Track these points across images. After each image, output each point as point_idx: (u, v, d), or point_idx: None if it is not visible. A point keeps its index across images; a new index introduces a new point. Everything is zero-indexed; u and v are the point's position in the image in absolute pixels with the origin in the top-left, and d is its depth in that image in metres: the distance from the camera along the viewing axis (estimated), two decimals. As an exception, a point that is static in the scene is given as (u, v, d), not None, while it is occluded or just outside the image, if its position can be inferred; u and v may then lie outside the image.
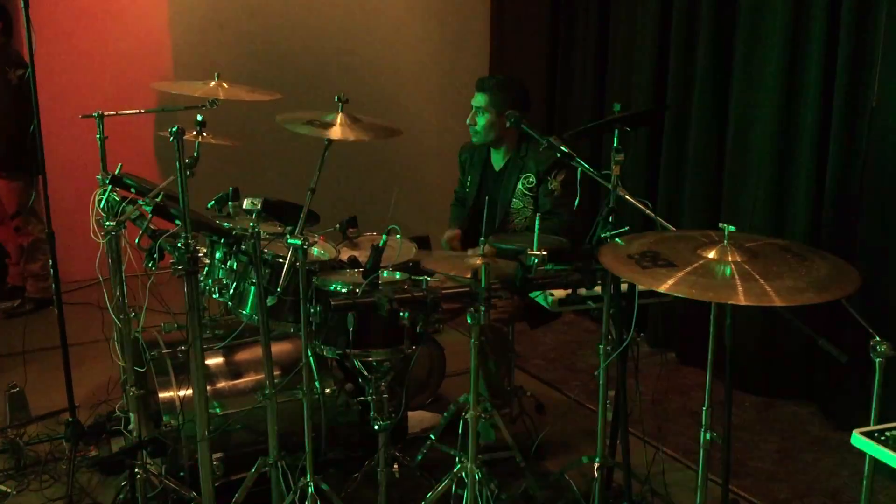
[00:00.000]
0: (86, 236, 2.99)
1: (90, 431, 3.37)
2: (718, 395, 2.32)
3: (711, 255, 1.90)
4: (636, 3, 4.73)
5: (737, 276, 1.80)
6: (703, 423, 2.31)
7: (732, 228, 1.94)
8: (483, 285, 2.27)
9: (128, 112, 3.30)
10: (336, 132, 2.64)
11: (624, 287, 2.55)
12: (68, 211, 4.52)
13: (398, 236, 3.05)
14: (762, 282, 1.77)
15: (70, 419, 3.25)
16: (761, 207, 3.97)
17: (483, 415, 2.57)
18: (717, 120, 4.24)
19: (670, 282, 1.79)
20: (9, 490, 3.06)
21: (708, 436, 2.31)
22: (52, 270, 3.30)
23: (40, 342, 4.09)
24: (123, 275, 2.87)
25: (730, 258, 1.88)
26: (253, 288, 2.64)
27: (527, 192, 3.37)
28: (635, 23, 4.75)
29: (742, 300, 1.73)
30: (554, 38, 5.51)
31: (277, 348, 3.04)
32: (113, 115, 3.14)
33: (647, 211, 2.50)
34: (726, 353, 2.30)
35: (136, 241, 2.67)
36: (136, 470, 2.69)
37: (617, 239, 2.26)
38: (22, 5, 2.95)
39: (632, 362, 2.62)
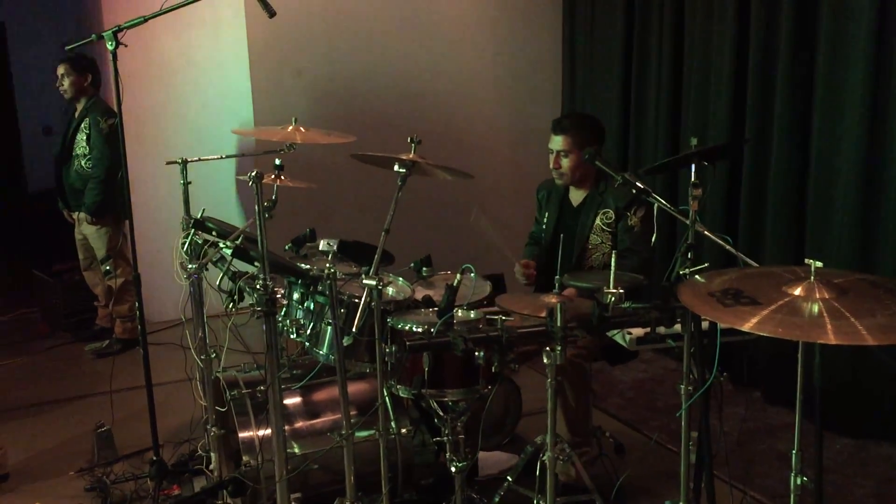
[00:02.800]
0: (170, 278, 3.10)
1: (173, 470, 3.44)
2: (808, 437, 2.22)
3: (797, 291, 1.83)
4: (712, 32, 4.66)
5: (825, 314, 1.73)
6: (794, 466, 2.21)
7: (820, 264, 1.87)
8: (559, 324, 2.24)
9: (209, 158, 3.41)
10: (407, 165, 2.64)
11: (705, 325, 2.48)
12: (154, 254, 4.69)
13: (473, 275, 3.05)
14: (853, 319, 1.70)
15: (154, 458, 3.32)
16: (848, 242, 3.83)
17: (561, 456, 2.52)
18: (798, 151, 4.12)
19: (754, 320, 1.73)
20: (96, 528, 3.14)
21: (799, 480, 2.21)
22: (137, 312, 3.39)
23: (127, 382, 4.21)
24: (205, 316, 2.94)
25: (817, 295, 1.80)
26: (329, 328, 2.67)
27: (605, 228, 3.33)
28: (711, 53, 4.68)
29: (832, 339, 1.65)
30: (627, 70, 5.47)
31: (354, 388, 3.06)
32: (196, 160, 3.25)
33: (728, 247, 2.44)
34: (816, 393, 2.20)
35: (217, 283, 2.74)
36: (217, 509, 2.73)
37: (696, 276, 2.20)
38: (110, 58, 3.07)
39: (715, 402, 2.54)
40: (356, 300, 2.56)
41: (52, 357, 5.31)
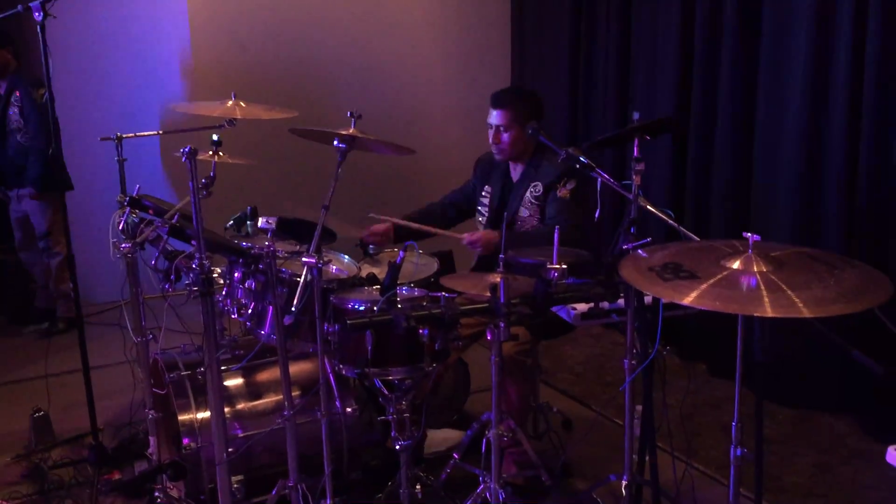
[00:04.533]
0: (109, 258, 3.00)
1: (113, 455, 3.36)
2: (750, 409, 2.24)
3: (736, 265, 1.83)
4: (658, 9, 4.67)
5: (763, 287, 1.73)
6: (734, 438, 2.23)
7: (757, 237, 1.87)
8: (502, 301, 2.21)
9: (145, 133, 3.32)
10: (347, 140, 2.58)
11: (649, 299, 2.49)
12: (93, 232, 4.55)
13: (418, 251, 3.02)
14: (789, 292, 1.70)
15: (93, 443, 3.24)
16: (790, 216, 3.88)
17: (506, 433, 2.51)
18: (743, 126, 4.15)
19: (693, 294, 1.73)
20: (32, 515, 3.06)
21: (738, 452, 2.23)
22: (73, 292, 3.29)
23: (66, 365, 4.10)
24: (141, 296, 2.86)
25: (755, 268, 1.81)
26: (271, 307, 2.61)
27: (534, 202, 3.29)
28: (657, 28, 4.69)
29: (769, 312, 1.66)
30: (575, 47, 5.46)
31: (296, 368, 3.01)
32: (131, 136, 3.16)
33: (670, 221, 2.44)
34: (756, 366, 2.22)
35: (153, 262, 2.67)
36: (157, 494, 2.66)
37: (639, 251, 2.20)
38: (38, 29, 2.95)
39: (658, 376, 2.55)
40: (298, 279, 2.50)
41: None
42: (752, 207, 4.15)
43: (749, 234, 1.88)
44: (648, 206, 2.45)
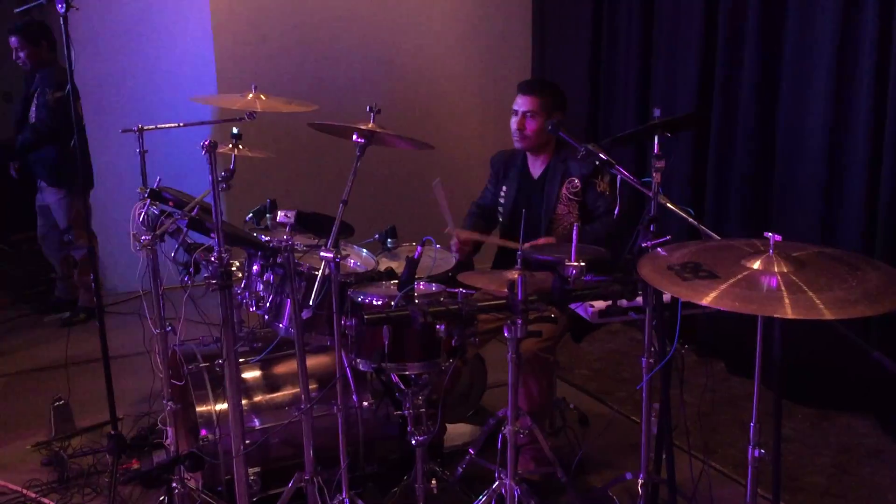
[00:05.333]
0: (130, 249, 3.02)
1: (132, 444, 3.39)
2: (768, 408, 2.22)
3: (756, 265, 1.82)
4: (681, 3, 4.62)
5: (783, 288, 1.72)
6: (752, 438, 2.22)
7: (778, 237, 1.85)
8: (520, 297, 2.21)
9: (166, 126, 3.33)
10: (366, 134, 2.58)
11: (667, 297, 2.47)
12: (114, 224, 4.59)
13: (436, 246, 3.02)
14: (810, 293, 1.68)
15: (112, 432, 3.27)
16: (812, 215, 3.84)
17: (522, 430, 2.51)
18: (765, 124, 4.11)
19: (712, 294, 1.71)
20: (52, 503, 3.09)
21: (756, 453, 2.21)
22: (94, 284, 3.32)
23: (87, 354, 4.14)
24: (161, 288, 2.87)
25: (776, 268, 1.79)
26: (289, 301, 2.62)
27: (572, 198, 3.27)
28: (679, 23, 4.65)
29: (789, 314, 1.64)
30: (596, 42, 5.42)
31: (314, 361, 3.02)
32: (152, 128, 3.17)
33: (690, 219, 2.42)
34: (775, 365, 2.20)
35: (173, 254, 2.68)
36: (174, 485, 2.69)
37: (658, 249, 2.18)
38: (61, 22, 2.97)
39: (676, 374, 2.54)
40: (316, 272, 2.51)
41: (11, 328, 5.22)
42: (772, 207, 4.11)
43: (770, 234, 1.86)
44: (668, 204, 2.43)
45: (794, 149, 3.95)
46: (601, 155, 2.56)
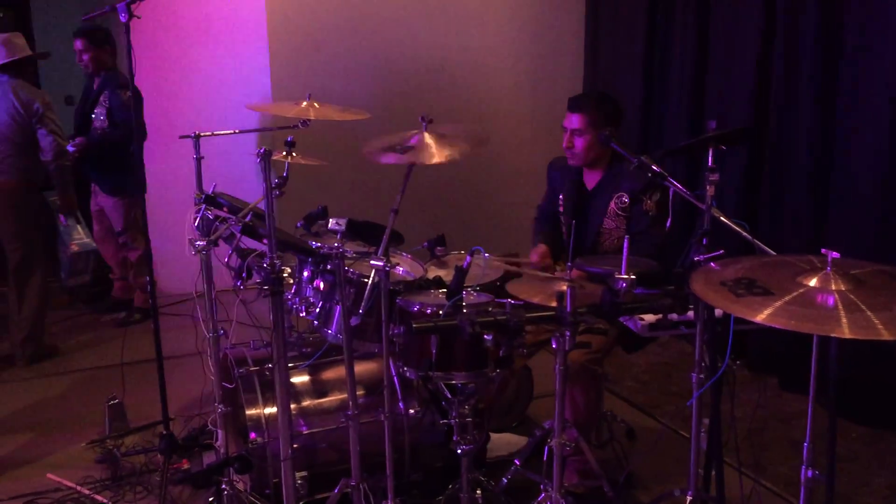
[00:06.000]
0: (185, 252, 3.08)
1: (183, 445, 3.45)
2: (823, 427, 2.17)
3: (812, 282, 1.78)
4: (738, 12, 4.56)
5: (841, 307, 1.68)
6: (805, 459, 2.17)
7: (836, 254, 1.81)
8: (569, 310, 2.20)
9: (222, 133, 3.39)
10: (417, 156, 2.58)
11: (720, 311, 2.43)
12: (170, 228, 4.68)
13: (485, 255, 3.02)
14: (869, 313, 1.64)
15: (164, 432, 3.33)
16: (871, 232, 3.75)
17: (569, 443, 2.49)
18: (822, 138, 4.03)
19: (767, 312, 1.68)
20: (105, 501, 3.16)
21: (809, 473, 2.16)
22: (149, 286, 3.39)
23: (141, 354, 4.23)
24: (214, 292, 2.92)
25: (833, 286, 1.75)
26: (338, 307, 2.64)
27: (620, 213, 3.24)
28: (736, 35, 4.58)
29: (847, 333, 1.60)
30: (650, 51, 5.37)
31: (362, 368, 3.05)
32: (209, 135, 3.23)
33: (744, 234, 2.38)
34: (831, 385, 2.15)
35: (226, 259, 2.73)
36: (224, 486, 2.73)
37: (711, 263, 2.15)
38: (124, 30, 3.05)
39: (727, 389, 2.49)
40: (365, 280, 2.53)
41: (70, 328, 5.35)
42: (829, 222, 4.02)
43: (827, 251, 1.82)
44: (722, 218, 2.39)
45: (853, 164, 3.86)
46: (654, 167, 2.53)
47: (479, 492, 2.80)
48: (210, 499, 2.85)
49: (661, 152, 2.69)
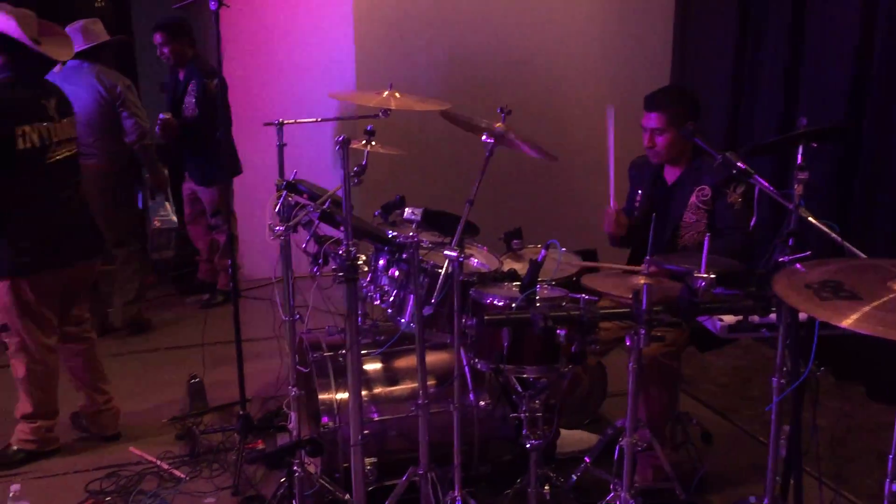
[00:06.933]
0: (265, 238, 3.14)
1: (258, 426, 3.53)
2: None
3: (904, 288, 1.69)
4: (835, 6, 4.37)
5: (934, 315, 1.59)
6: (890, 472, 2.07)
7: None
8: (644, 307, 2.15)
9: (305, 120, 3.43)
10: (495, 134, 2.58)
11: (804, 315, 2.34)
12: (252, 213, 4.79)
13: (561, 249, 2.98)
14: (965, 322, 1.56)
15: (241, 412, 3.41)
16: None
17: (641, 443, 2.45)
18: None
19: (853, 317, 1.61)
20: (183, 476, 3.26)
21: (894, 486, 2.07)
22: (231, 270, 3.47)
23: (222, 336, 4.34)
24: (292, 277, 2.97)
25: (926, 293, 1.66)
26: (412, 296, 2.66)
27: (701, 206, 3.16)
28: (832, 29, 4.40)
29: (940, 342, 1.52)
30: (740, 45, 5.20)
31: (434, 358, 3.05)
32: (292, 123, 3.27)
33: (833, 235, 2.29)
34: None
35: (304, 245, 2.77)
36: (295, 468, 2.78)
37: (796, 265, 2.08)
38: (213, 19, 3.12)
39: (810, 396, 2.40)
40: (439, 270, 2.54)
41: (156, 307, 5.53)
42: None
43: (922, 255, 1.73)
44: (810, 218, 2.30)
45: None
46: (739, 164, 2.46)
47: (547, 487, 2.78)
48: (282, 479, 2.91)
49: (747, 148, 2.60)
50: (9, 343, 3.38)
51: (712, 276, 2.17)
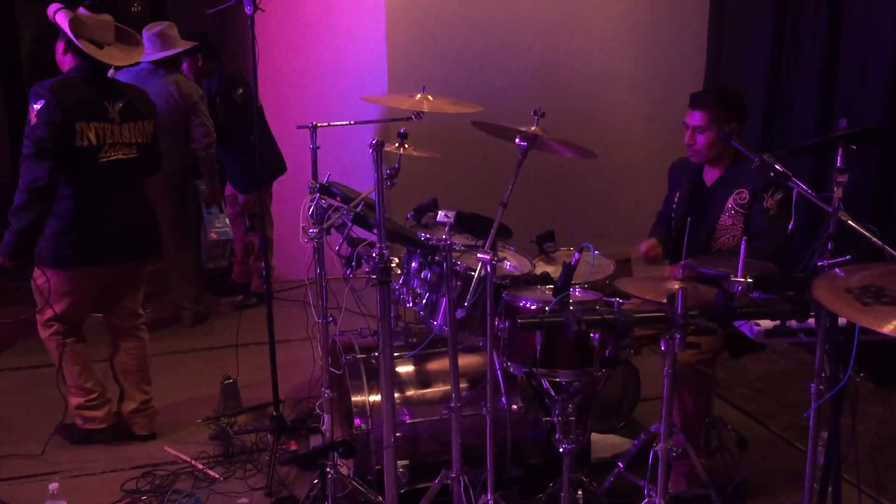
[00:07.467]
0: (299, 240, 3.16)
1: (292, 427, 3.55)
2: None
3: (948, 293, 1.66)
4: (874, 6, 4.30)
5: (979, 321, 1.56)
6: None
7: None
8: (679, 311, 2.13)
9: (338, 123, 3.44)
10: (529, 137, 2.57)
11: (843, 320, 2.30)
12: (286, 215, 4.81)
13: (595, 253, 2.96)
14: None
15: (274, 413, 3.43)
16: None
17: (675, 448, 2.42)
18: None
19: (895, 323, 1.58)
20: (217, 476, 3.28)
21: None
22: (265, 271, 3.50)
23: (256, 337, 4.38)
24: (325, 279, 2.99)
25: (971, 298, 1.63)
26: (444, 299, 2.65)
27: (738, 209, 3.13)
28: (872, 28, 4.32)
29: (985, 349, 1.49)
30: (777, 45, 5.13)
31: (466, 361, 3.05)
32: (325, 125, 3.29)
33: (874, 239, 2.24)
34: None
35: (337, 248, 2.78)
36: (328, 469, 2.79)
37: (836, 269, 2.04)
38: (249, 24, 3.14)
39: (849, 402, 2.36)
40: (472, 273, 2.53)
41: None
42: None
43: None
44: (850, 222, 2.26)
45: None
46: (776, 166, 2.42)
47: (580, 492, 2.76)
48: (315, 481, 2.92)
49: (785, 151, 2.57)
50: (40, 324, 3.47)
51: (749, 280, 2.14)
